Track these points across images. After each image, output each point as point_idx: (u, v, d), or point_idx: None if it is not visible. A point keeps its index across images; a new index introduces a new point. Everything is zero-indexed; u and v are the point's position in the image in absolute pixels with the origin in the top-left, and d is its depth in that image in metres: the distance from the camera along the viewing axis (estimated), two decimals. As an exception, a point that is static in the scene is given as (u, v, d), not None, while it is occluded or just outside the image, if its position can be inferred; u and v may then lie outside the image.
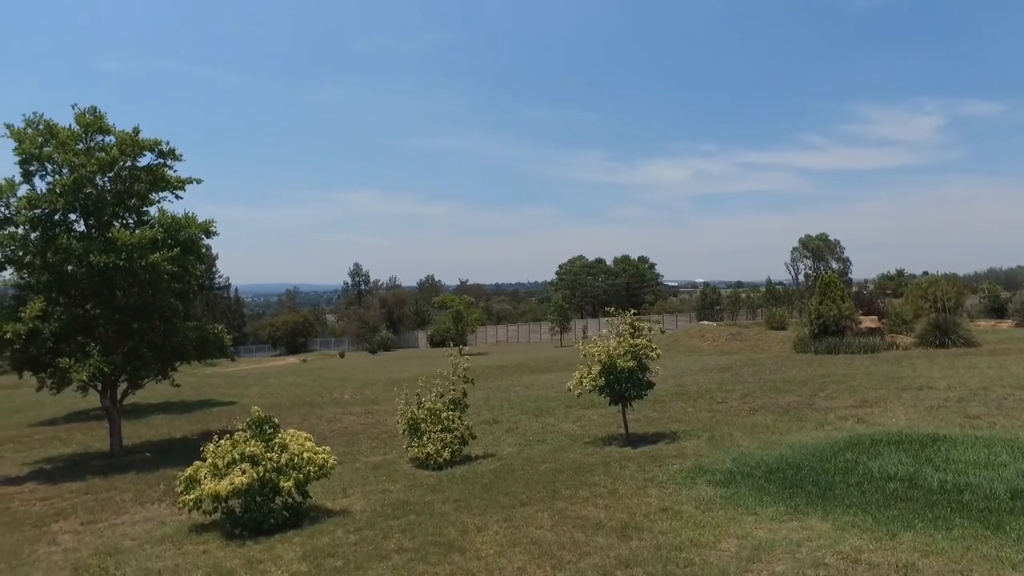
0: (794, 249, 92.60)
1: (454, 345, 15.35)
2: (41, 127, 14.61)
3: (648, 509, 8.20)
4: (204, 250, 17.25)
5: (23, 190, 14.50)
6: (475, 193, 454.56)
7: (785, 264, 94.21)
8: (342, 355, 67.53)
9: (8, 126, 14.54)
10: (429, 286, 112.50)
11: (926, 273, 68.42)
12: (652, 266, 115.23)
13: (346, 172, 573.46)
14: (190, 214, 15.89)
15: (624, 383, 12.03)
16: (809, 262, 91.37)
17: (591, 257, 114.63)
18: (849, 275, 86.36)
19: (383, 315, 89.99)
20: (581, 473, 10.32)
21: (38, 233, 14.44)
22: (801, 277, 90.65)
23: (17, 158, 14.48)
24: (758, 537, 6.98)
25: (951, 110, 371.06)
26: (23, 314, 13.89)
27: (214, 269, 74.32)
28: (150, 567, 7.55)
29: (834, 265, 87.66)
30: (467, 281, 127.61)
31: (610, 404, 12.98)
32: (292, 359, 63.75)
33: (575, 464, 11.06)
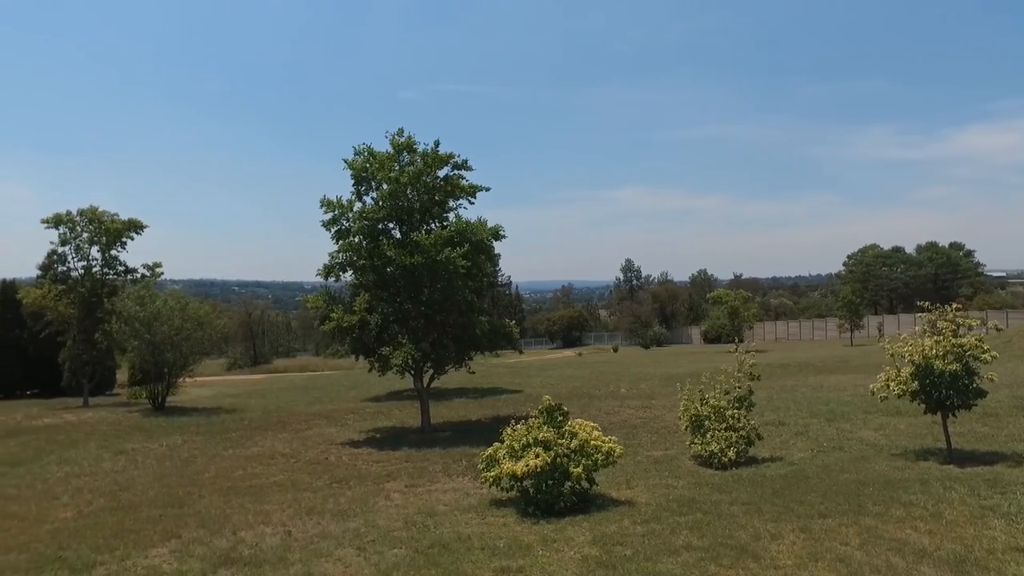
0: None
1: (738, 341, 14.72)
2: (366, 153, 17.37)
3: (992, 544, 6.91)
4: (493, 251, 18.93)
5: (356, 206, 17.40)
6: (746, 183, 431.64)
7: None
8: (615, 349, 69.02)
9: (345, 160, 17.55)
10: (701, 280, 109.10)
11: None
12: (968, 253, 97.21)
13: (613, 170, 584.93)
14: (482, 219, 17.61)
15: (945, 389, 10.36)
16: None
17: (886, 245, 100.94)
18: None
19: (655, 310, 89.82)
20: (891, 489, 9.14)
21: (367, 241, 17.16)
22: None
23: (351, 180, 17.43)
24: None
25: None
26: (355, 308, 16.74)
27: (497, 268, 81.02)
28: (461, 531, 8.48)
29: None
30: (741, 275, 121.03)
31: (924, 412, 11.30)
32: (568, 352, 66.84)
33: (883, 478, 9.83)
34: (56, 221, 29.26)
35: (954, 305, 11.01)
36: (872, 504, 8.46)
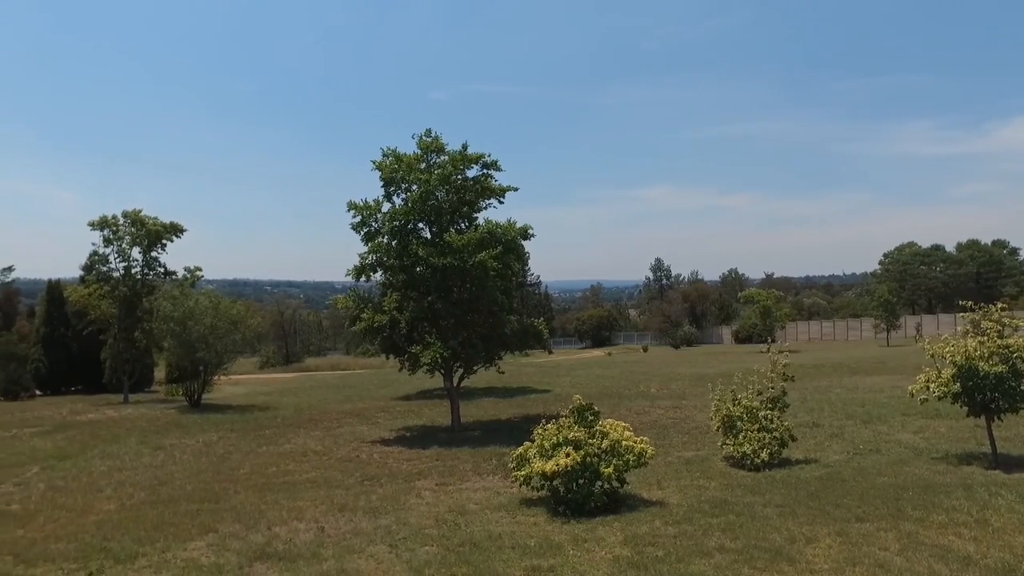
0: None
1: (770, 341, 14.52)
2: (391, 158, 17.49)
3: (1042, 553, 6.67)
4: (522, 251, 18.94)
5: (385, 207, 17.55)
6: (778, 180, 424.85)
7: None
8: (645, 349, 68.47)
9: (373, 161, 17.75)
10: (732, 280, 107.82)
11: None
12: (1013, 251, 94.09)
13: (642, 169, 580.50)
14: (511, 220, 17.64)
15: (990, 391, 10.07)
16: None
17: (924, 243, 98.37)
18: None
19: (685, 310, 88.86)
20: (932, 493, 8.92)
21: (396, 241, 17.29)
22: None
23: (380, 183, 17.60)
24: None
25: None
26: (385, 307, 16.90)
27: (527, 267, 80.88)
28: (492, 530, 8.50)
29: None
30: (773, 274, 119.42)
31: (967, 416, 11.01)
32: (597, 352, 66.54)
33: (922, 482, 9.60)
34: (102, 224, 30.20)
35: (999, 304, 10.72)
36: (912, 509, 8.27)
